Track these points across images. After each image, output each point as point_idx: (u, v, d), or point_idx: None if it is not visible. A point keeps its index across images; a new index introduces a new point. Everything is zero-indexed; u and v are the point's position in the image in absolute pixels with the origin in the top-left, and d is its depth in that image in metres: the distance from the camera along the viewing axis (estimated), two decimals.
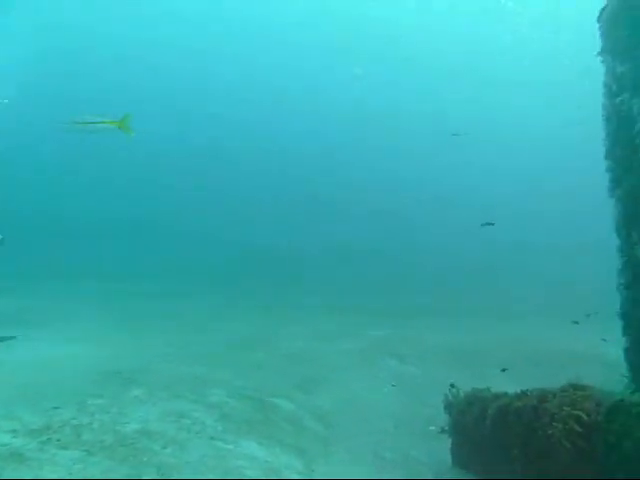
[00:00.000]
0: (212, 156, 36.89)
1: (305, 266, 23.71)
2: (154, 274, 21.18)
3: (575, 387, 5.03)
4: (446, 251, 24.70)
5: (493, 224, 10.06)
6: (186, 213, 33.07)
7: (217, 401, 6.32)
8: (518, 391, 5.46)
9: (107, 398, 6.01)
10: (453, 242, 25.30)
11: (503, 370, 6.23)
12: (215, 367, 7.97)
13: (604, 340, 8.59)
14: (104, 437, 4.93)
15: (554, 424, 4.58)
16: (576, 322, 9.38)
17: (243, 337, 10.60)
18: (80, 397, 5.91)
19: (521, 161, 31.66)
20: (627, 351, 5.59)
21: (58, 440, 4.73)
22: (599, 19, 5.51)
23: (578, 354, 9.40)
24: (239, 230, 30.52)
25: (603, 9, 5.43)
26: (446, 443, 5.90)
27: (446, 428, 6.07)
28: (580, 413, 4.46)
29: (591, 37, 5.71)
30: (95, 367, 7.46)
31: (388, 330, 11.37)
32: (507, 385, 5.62)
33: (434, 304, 15.82)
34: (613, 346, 6.66)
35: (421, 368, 8.78)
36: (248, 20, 37.40)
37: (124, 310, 13.62)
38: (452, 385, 5.94)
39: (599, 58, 5.71)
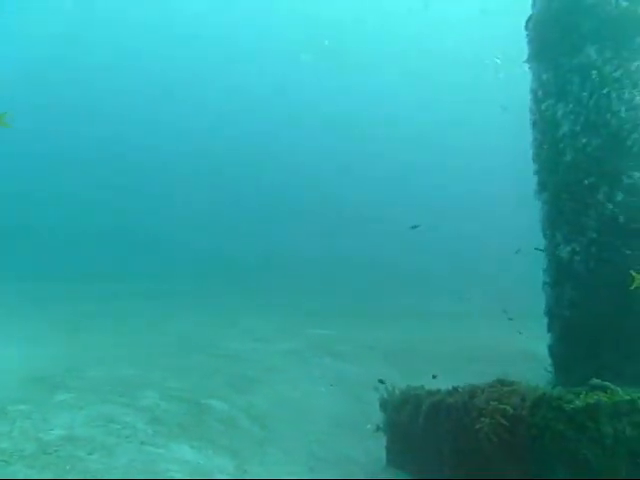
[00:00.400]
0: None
1: (244, 266, 23.50)
2: (113, 274, 20.42)
3: (503, 383, 5.19)
4: (381, 252, 24.95)
5: (419, 226, 10.28)
6: (143, 217, 32.27)
7: (149, 404, 6.14)
8: (450, 388, 5.61)
9: (30, 404, 5.72)
10: (387, 243, 25.57)
11: (434, 377, 6.40)
12: (150, 369, 7.75)
13: (520, 333, 8.95)
14: (25, 445, 4.68)
15: (482, 419, 4.70)
16: (511, 319, 9.70)
17: (181, 338, 10.37)
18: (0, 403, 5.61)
19: (447, 160, 32.17)
20: (551, 347, 5.82)
21: None
22: (526, 27, 5.72)
23: (509, 350, 9.75)
24: (183, 233, 30.01)
25: (530, 18, 5.65)
26: (382, 441, 5.96)
27: (381, 426, 6.15)
28: (506, 407, 4.60)
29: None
30: (22, 370, 7.10)
31: (326, 330, 11.41)
32: (443, 382, 5.72)
33: (370, 304, 15.94)
34: (542, 342, 6.94)
35: (359, 367, 8.84)
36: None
37: (74, 311, 12.97)
38: (381, 381, 6.00)
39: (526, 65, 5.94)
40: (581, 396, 4.21)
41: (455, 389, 5.49)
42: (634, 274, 4.98)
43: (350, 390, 7.78)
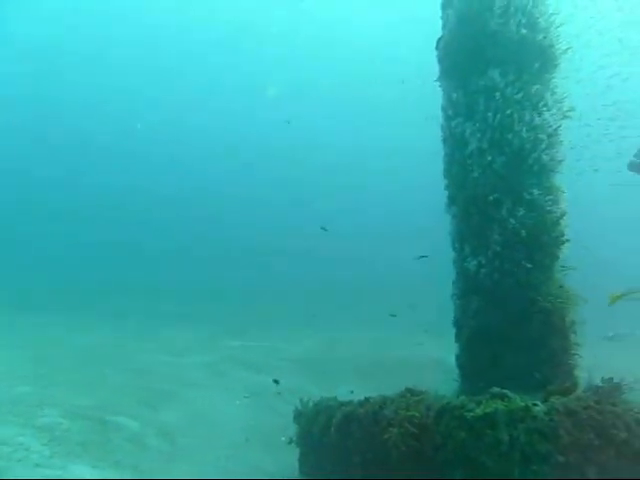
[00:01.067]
0: None
1: (161, 272, 22.75)
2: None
3: (412, 392, 5.30)
4: (301, 260, 24.82)
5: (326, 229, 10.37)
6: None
7: (48, 423, 5.80)
8: (362, 398, 5.66)
9: None
10: (305, 251, 25.43)
11: (351, 392, 6.51)
12: (54, 385, 7.34)
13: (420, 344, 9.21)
14: None
15: (390, 429, 4.77)
16: (394, 315, 9.75)
17: (91, 352, 9.91)
18: None
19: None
20: (458, 357, 6.00)
21: None
22: (437, 47, 5.94)
23: (424, 360, 10.02)
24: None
25: (440, 38, 5.87)
26: (295, 453, 5.92)
27: (295, 438, 6.11)
28: (413, 416, 4.70)
29: None
30: None
31: (243, 341, 11.28)
32: (357, 392, 5.76)
33: (289, 313, 15.85)
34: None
35: (272, 378, 8.77)
36: None
37: None
38: (275, 381, 5.95)
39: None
40: (481, 405, 4.37)
41: (367, 399, 5.55)
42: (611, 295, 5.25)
43: (265, 402, 7.71)
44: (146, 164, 34.44)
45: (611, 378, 4.84)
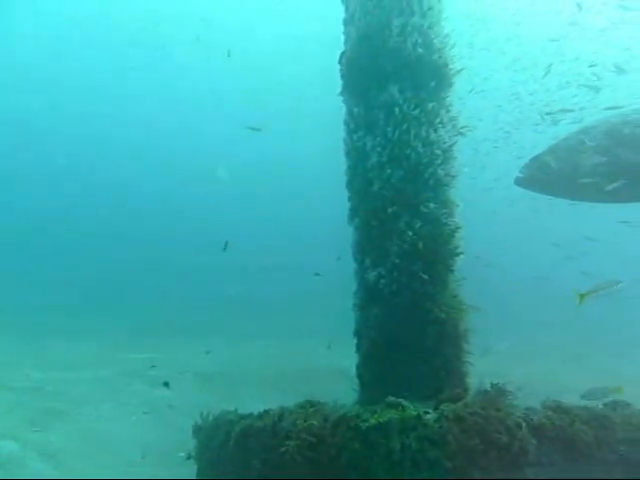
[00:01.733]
0: None
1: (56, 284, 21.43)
2: None
3: (311, 403, 5.31)
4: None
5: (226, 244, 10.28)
6: None
7: None
8: (261, 411, 5.60)
9: None
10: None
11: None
12: None
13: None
14: None
15: (287, 442, 4.74)
16: (329, 346, 9.95)
17: None
18: None
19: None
20: (357, 367, 6.08)
21: None
22: (340, 62, 6.05)
23: (329, 369, 10.08)
24: None
25: (342, 53, 5.98)
26: (194, 469, 5.75)
27: (193, 453, 5.94)
28: (311, 427, 4.70)
29: None
30: None
31: (141, 354, 10.83)
32: (264, 404, 5.67)
33: (191, 323, 15.40)
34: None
35: (174, 392, 8.49)
36: None
37: None
38: (165, 383, 5.79)
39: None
40: (376, 414, 4.45)
41: (266, 412, 5.50)
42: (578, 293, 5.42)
43: (164, 417, 7.43)
44: None
45: (497, 384, 5.09)
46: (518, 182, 6.00)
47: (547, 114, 10.75)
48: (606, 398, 4.67)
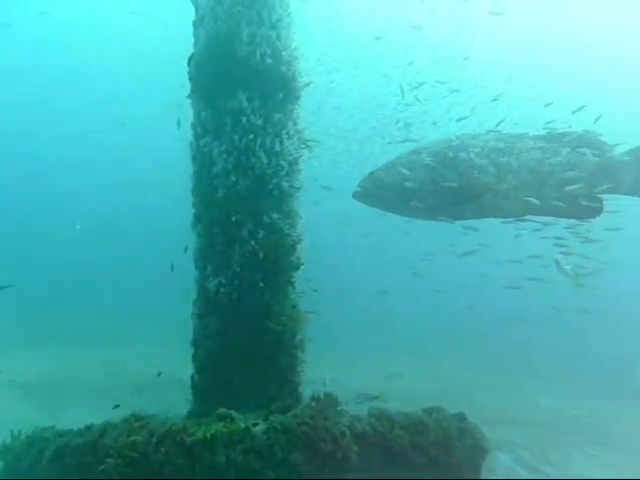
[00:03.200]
0: None
1: None
2: None
3: (137, 417, 5.04)
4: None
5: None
6: None
7: None
8: (82, 427, 5.20)
9: None
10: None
11: (116, 406, 5.95)
12: None
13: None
14: None
15: (107, 460, 4.45)
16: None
17: None
18: None
19: None
20: (192, 377, 5.90)
21: None
22: (189, 64, 5.88)
23: (167, 379, 9.61)
24: None
25: (192, 56, 5.82)
26: None
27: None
28: (134, 443, 4.45)
29: None
30: None
31: None
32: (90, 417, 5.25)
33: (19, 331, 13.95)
34: None
35: None
36: None
37: None
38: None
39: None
40: (203, 427, 4.33)
41: (88, 427, 5.13)
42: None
43: None
44: None
45: (330, 393, 5.22)
46: (355, 196, 6.24)
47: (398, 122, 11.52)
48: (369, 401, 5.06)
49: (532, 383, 11.86)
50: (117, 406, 5.98)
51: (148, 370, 10.22)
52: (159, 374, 7.40)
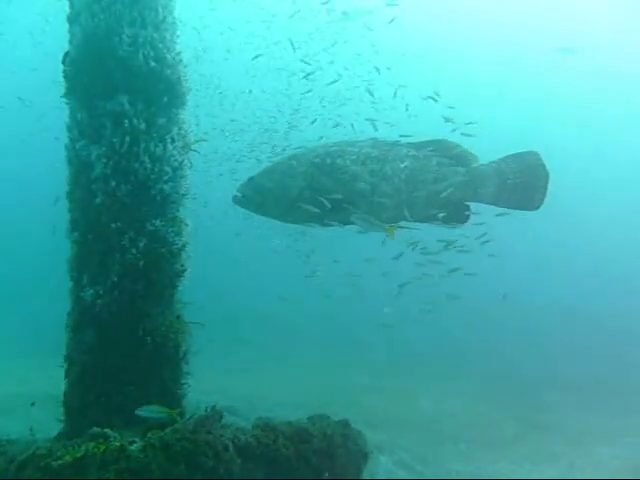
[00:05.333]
0: None
1: None
2: None
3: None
4: None
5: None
6: None
7: None
8: None
9: None
10: None
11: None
12: None
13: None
14: None
15: None
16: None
17: None
18: None
19: None
20: (65, 395, 5.52)
21: None
22: (63, 62, 5.51)
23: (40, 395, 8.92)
24: None
25: (67, 53, 5.47)
26: None
27: None
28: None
29: None
30: None
31: None
32: None
33: None
34: None
35: None
36: None
37: None
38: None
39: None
40: (74, 449, 4.06)
41: None
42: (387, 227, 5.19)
43: None
44: None
45: (214, 405, 5.10)
46: (235, 201, 6.09)
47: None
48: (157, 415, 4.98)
49: (413, 384, 12.40)
50: None
51: (18, 390, 9.49)
52: (32, 404, 6.77)
